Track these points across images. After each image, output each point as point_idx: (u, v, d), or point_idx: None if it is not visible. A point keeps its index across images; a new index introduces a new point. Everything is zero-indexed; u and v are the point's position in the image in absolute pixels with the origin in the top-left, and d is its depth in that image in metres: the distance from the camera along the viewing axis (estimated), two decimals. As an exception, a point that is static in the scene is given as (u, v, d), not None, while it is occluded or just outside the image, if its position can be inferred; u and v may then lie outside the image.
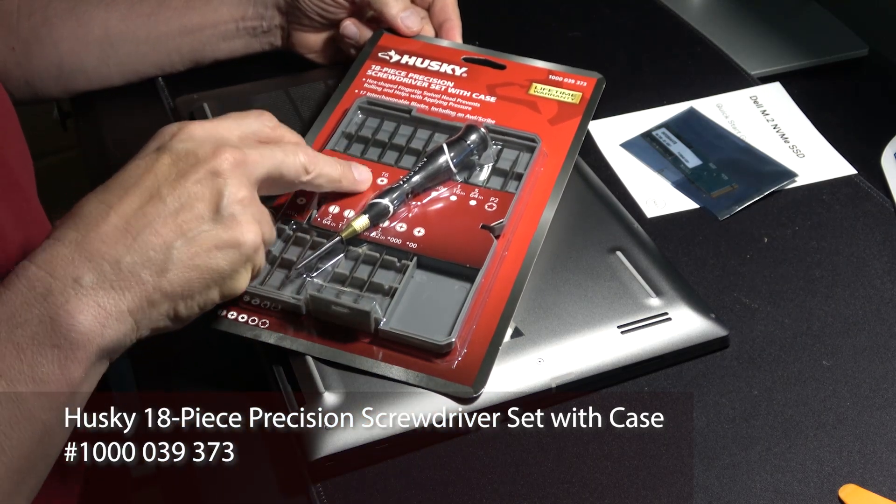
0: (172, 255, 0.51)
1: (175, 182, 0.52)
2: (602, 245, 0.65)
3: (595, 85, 0.75)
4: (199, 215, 0.52)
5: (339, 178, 0.62)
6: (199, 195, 0.52)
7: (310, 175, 0.59)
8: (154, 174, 0.53)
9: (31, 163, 0.69)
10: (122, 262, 0.50)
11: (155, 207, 0.52)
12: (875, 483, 0.54)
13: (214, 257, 0.53)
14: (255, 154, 0.55)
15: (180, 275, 0.52)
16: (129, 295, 0.50)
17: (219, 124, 0.56)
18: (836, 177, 0.74)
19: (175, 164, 0.53)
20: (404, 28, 0.78)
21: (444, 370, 0.57)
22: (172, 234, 0.51)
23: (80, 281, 0.49)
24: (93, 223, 0.51)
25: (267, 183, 0.57)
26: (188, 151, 0.53)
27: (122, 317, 0.50)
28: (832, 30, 0.93)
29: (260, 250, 0.55)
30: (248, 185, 0.54)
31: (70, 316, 0.48)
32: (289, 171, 0.57)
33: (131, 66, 0.84)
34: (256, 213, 0.55)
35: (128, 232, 0.51)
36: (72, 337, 0.48)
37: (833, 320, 0.63)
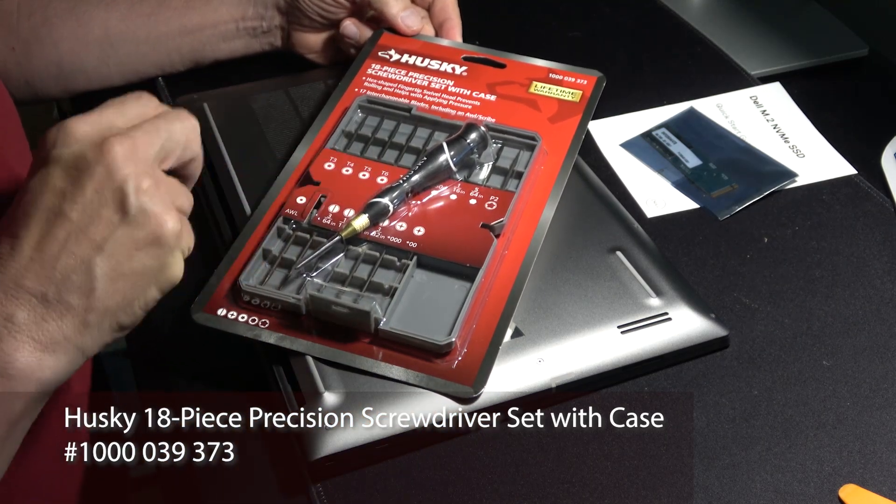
0: (95, 272, 0.50)
1: (73, 194, 0.50)
2: (602, 245, 0.65)
3: (595, 83, 0.75)
4: (108, 221, 0.50)
5: None
6: (100, 201, 0.50)
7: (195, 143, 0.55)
8: (50, 191, 0.50)
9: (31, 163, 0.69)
10: (48, 294, 0.49)
11: (62, 228, 0.49)
12: (875, 483, 0.54)
13: (138, 259, 0.51)
14: (142, 135, 0.52)
15: (109, 288, 0.50)
16: (63, 323, 0.49)
17: (100, 115, 0.53)
18: (836, 177, 0.74)
19: (66, 173, 0.50)
20: (404, 27, 0.78)
21: (444, 370, 0.57)
22: (88, 251, 0.49)
23: (11, 319, 0.49)
24: (7, 260, 0.49)
25: (165, 156, 0.53)
26: (76, 156, 0.50)
27: (58, 347, 0.49)
28: (832, 30, 0.93)
29: (183, 232, 0.53)
30: (147, 170, 0.51)
31: (6, 355, 0.48)
32: (180, 136, 0.54)
33: (131, 66, 0.84)
34: (167, 195, 0.52)
35: (44, 261, 0.49)
36: (10, 374, 0.48)
37: (833, 320, 0.63)
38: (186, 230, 0.53)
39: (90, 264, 0.49)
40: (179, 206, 0.53)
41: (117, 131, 0.51)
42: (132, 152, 0.50)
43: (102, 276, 0.50)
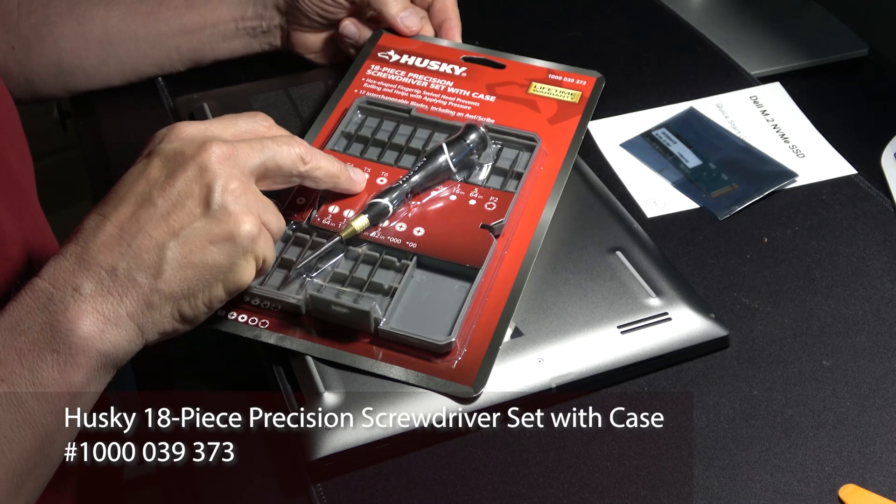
0: (166, 255, 0.52)
1: (164, 183, 0.53)
2: (602, 245, 0.65)
3: (595, 84, 0.75)
4: (190, 212, 0.52)
5: (336, 174, 0.61)
6: (188, 192, 0.52)
7: (307, 165, 0.58)
8: (146, 179, 0.53)
9: (31, 163, 0.69)
10: (118, 269, 0.51)
11: (147, 211, 0.52)
12: (875, 483, 0.54)
13: (210, 252, 0.53)
14: (245, 147, 0.55)
15: (177, 274, 0.52)
16: (127, 300, 0.51)
17: (210, 123, 0.56)
18: (836, 177, 0.74)
19: (165, 165, 0.53)
20: (404, 28, 0.78)
21: (444, 370, 0.57)
22: (164, 235, 0.52)
23: (79, 289, 0.50)
24: (90, 235, 0.52)
25: (264, 174, 0.56)
26: (176, 151, 0.53)
27: (121, 322, 0.51)
28: (832, 30, 0.93)
29: (260, 240, 0.55)
30: (239, 176, 0.54)
31: (69, 322, 0.49)
32: (284, 160, 0.57)
33: (131, 65, 0.84)
34: (253, 204, 0.54)
35: (122, 239, 0.51)
36: (71, 342, 0.49)
37: (833, 320, 0.63)
38: (265, 239, 0.55)
39: (163, 247, 0.51)
40: (265, 220, 0.55)
41: (222, 138, 0.54)
42: (229, 157, 0.53)
43: (172, 261, 0.52)
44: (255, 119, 0.58)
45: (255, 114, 0.59)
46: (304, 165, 0.58)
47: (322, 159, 0.60)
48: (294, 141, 0.58)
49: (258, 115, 0.59)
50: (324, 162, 0.60)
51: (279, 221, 0.57)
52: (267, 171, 0.56)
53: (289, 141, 0.57)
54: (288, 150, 0.57)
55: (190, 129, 0.55)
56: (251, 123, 0.58)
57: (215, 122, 0.57)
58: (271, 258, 0.57)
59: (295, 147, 0.57)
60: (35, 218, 0.67)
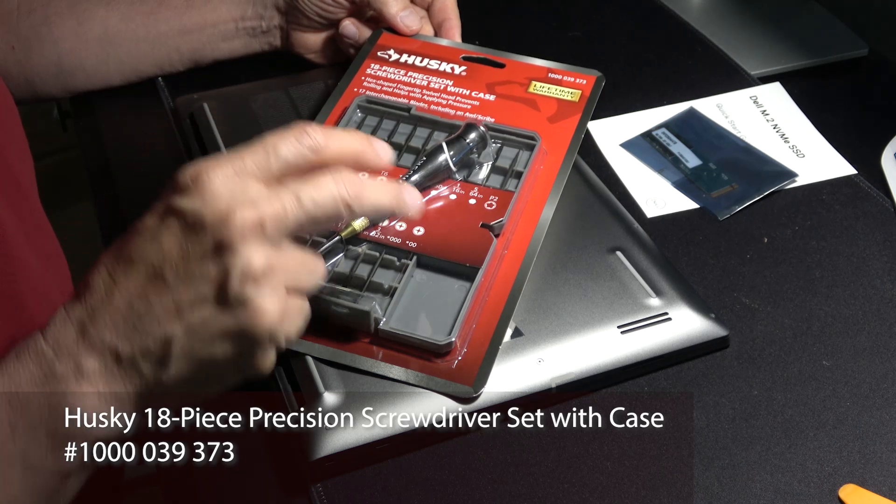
0: (172, 348, 0.47)
1: (178, 259, 0.47)
2: (602, 245, 0.65)
3: (595, 83, 0.75)
4: (203, 298, 0.47)
5: (389, 207, 0.53)
6: (202, 275, 0.47)
7: (353, 211, 0.50)
8: (159, 247, 0.47)
9: (32, 163, 0.69)
10: (123, 353, 0.47)
11: (157, 289, 0.47)
12: (875, 483, 0.54)
13: (220, 347, 0.47)
14: (276, 207, 0.47)
15: (183, 367, 0.48)
16: (129, 386, 0.48)
17: (244, 163, 0.48)
18: (836, 177, 0.74)
19: (181, 231, 0.47)
20: (403, 27, 0.79)
21: (444, 370, 0.57)
22: (172, 324, 0.47)
23: (81, 368, 0.47)
24: (99, 302, 0.48)
25: (300, 230, 0.49)
26: (196, 217, 0.47)
27: (121, 406, 0.48)
28: (832, 30, 0.93)
29: (283, 323, 0.48)
30: (265, 250, 0.47)
31: (70, 404, 0.47)
32: (324, 211, 0.49)
33: (131, 65, 0.84)
34: (280, 279, 0.48)
35: (129, 317, 0.47)
36: (68, 429, 0.47)
37: (833, 320, 0.63)
38: (290, 318, 0.49)
39: (170, 338, 0.47)
40: (297, 286, 0.49)
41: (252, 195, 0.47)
42: (255, 228, 0.47)
43: (179, 353, 0.47)
44: (302, 139, 0.50)
45: (301, 130, 0.50)
46: (350, 211, 0.50)
47: (372, 194, 0.51)
48: (340, 180, 0.50)
49: (305, 134, 0.50)
50: (374, 197, 0.51)
51: (312, 278, 0.50)
52: (303, 227, 0.49)
53: (333, 182, 0.49)
54: (330, 198, 0.49)
55: (216, 183, 0.47)
56: (294, 148, 0.49)
57: (251, 157, 0.49)
58: (300, 327, 0.50)
59: (340, 189, 0.49)
60: (36, 217, 0.67)
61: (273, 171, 0.49)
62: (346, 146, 0.51)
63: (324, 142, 0.50)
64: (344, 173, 0.50)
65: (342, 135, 0.52)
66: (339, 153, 0.51)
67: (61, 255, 0.70)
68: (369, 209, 0.51)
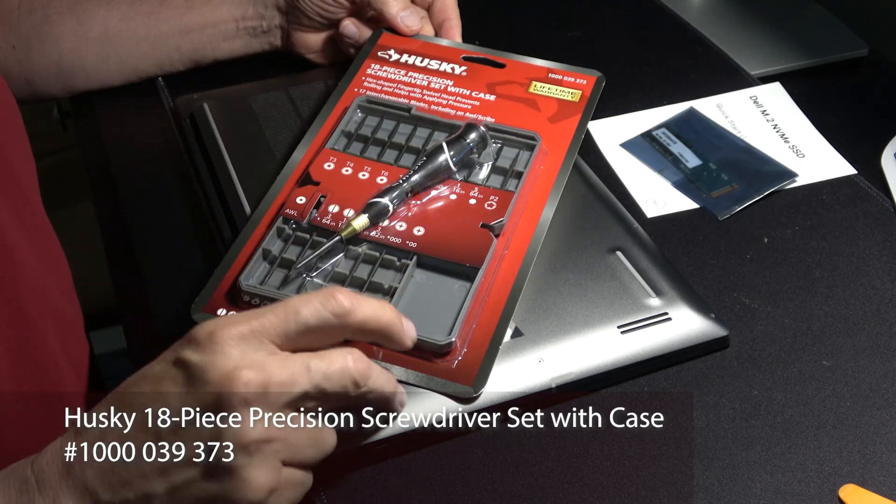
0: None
1: (175, 412, 0.46)
2: (602, 245, 0.65)
3: (595, 83, 0.75)
4: (191, 458, 0.45)
5: (389, 398, 0.52)
6: (195, 433, 0.45)
7: (359, 390, 0.49)
8: (160, 395, 0.47)
9: (33, 163, 0.69)
10: (102, 500, 0.47)
11: (147, 442, 0.46)
12: (875, 483, 0.54)
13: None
14: (283, 374, 0.46)
15: None
16: None
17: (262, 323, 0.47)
18: (836, 177, 0.74)
19: (184, 385, 0.46)
20: (404, 27, 0.79)
21: (444, 370, 0.57)
22: (156, 481, 0.46)
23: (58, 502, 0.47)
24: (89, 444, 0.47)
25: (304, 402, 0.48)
26: (201, 370, 0.46)
27: None
28: (832, 30, 0.93)
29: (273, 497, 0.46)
30: (265, 418, 0.46)
31: None
32: (333, 386, 0.48)
33: (131, 65, 0.84)
34: (278, 451, 0.46)
35: (115, 468, 0.46)
36: None
37: (833, 320, 0.63)
38: (289, 488, 0.47)
39: (151, 496, 0.46)
40: (298, 460, 0.48)
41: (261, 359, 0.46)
42: (258, 393, 0.46)
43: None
44: (327, 305, 0.48)
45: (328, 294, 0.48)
46: (356, 390, 0.49)
47: (378, 379, 0.50)
48: (350, 356, 0.49)
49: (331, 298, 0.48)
50: (378, 383, 0.50)
51: (318, 453, 0.49)
52: (307, 401, 0.48)
53: (343, 358, 0.48)
54: (339, 373, 0.48)
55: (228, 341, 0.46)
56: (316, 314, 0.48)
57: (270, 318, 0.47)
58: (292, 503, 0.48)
59: (350, 364, 0.48)
60: (36, 218, 0.67)
61: (291, 335, 0.48)
62: (373, 317, 0.50)
63: (350, 307, 0.49)
64: (356, 351, 0.49)
65: (372, 304, 0.50)
66: (364, 322, 0.50)
67: (62, 256, 0.70)
68: (373, 394, 0.50)
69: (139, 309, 0.67)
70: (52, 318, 0.64)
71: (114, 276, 0.72)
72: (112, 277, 0.72)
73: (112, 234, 0.74)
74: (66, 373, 0.65)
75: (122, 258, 0.72)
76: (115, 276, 0.72)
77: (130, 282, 0.70)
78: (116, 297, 0.70)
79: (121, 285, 0.71)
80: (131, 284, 0.70)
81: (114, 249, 0.73)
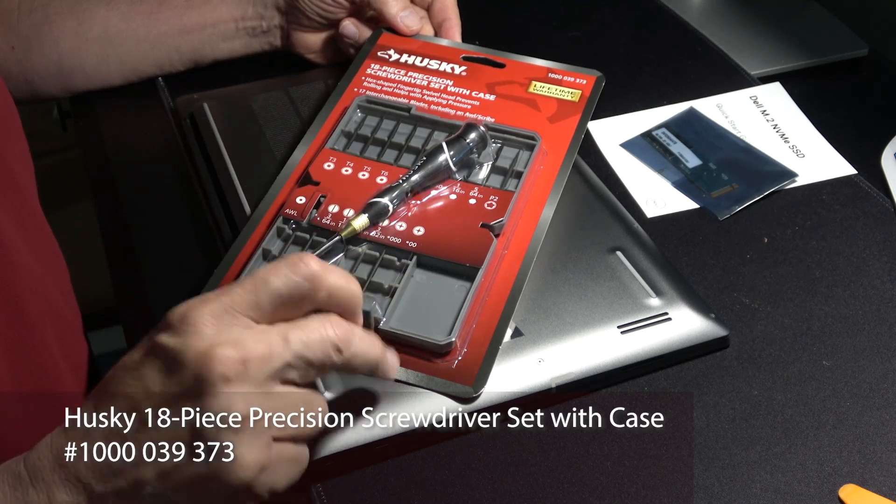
0: (144, 490, 0.46)
1: (159, 398, 0.46)
2: (602, 245, 0.65)
3: (595, 83, 0.75)
4: (178, 442, 0.45)
5: (376, 361, 0.50)
6: (180, 417, 0.45)
7: (342, 356, 0.48)
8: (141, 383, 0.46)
9: (31, 163, 0.69)
10: (96, 490, 0.47)
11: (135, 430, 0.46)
12: (875, 483, 0.54)
13: (192, 494, 0.46)
14: (260, 347, 0.46)
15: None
16: None
17: (233, 299, 0.47)
18: (836, 177, 0.74)
19: (163, 371, 0.46)
20: (404, 27, 0.78)
21: (444, 370, 0.57)
22: (146, 467, 0.46)
23: (53, 500, 0.47)
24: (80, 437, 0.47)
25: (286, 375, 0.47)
26: (177, 353, 0.45)
27: None
28: (832, 30, 0.93)
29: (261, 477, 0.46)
30: (248, 394, 0.45)
31: None
32: (313, 354, 0.47)
33: (131, 65, 0.84)
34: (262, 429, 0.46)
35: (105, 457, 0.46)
36: None
37: (833, 320, 0.63)
38: (282, 463, 0.47)
39: (142, 483, 0.46)
40: (290, 434, 0.47)
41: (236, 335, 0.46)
42: (237, 369, 0.45)
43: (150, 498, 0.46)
44: (295, 270, 0.47)
45: (295, 259, 0.48)
46: (339, 356, 0.48)
47: (360, 342, 0.49)
48: (328, 322, 0.48)
49: (299, 262, 0.48)
50: (363, 346, 0.49)
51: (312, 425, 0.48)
52: (289, 371, 0.47)
53: (321, 325, 0.48)
54: (319, 340, 0.47)
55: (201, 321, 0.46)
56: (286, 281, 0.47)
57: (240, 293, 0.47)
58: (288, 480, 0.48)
59: (329, 331, 0.48)
60: (35, 218, 0.67)
61: (264, 306, 0.47)
62: (343, 285, 0.49)
63: (320, 269, 0.48)
64: (333, 317, 0.48)
65: (339, 272, 0.49)
66: (334, 287, 0.48)
67: (60, 256, 0.70)
68: (358, 359, 0.49)
69: (139, 309, 0.67)
70: (50, 319, 0.64)
71: (114, 276, 0.72)
72: (112, 277, 0.72)
73: (112, 234, 0.74)
74: (65, 373, 0.65)
75: (122, 258, 0.72)
76: (115, 276, 0.72)
77: (130, 282, 0.70)
78: (116, 297, 0.70)
79: (121, 285, 0.71)
80: (131, 284, 0.70)
81: (114, 249, 0.73)
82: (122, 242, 0.73)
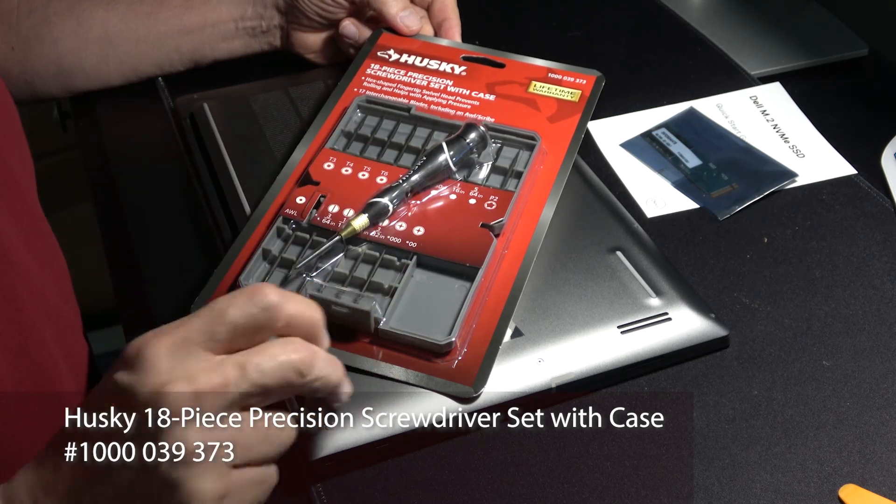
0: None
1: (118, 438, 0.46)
2: (602, 245, 0.65)
3: (594, 83, 0.75)
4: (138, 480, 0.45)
5: (336, 384, 0.49)
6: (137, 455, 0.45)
7: (303, 380, 0.47)
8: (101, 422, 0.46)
9: (31, 164, 0.69)
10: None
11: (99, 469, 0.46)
12: (875, 483, 0.54)
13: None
14: (215, 379, 0.45)
15: None
16: None
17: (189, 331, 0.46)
18: (836, 177, 0.74)
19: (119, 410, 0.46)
20: (403, 27, 0.79)
21: (444, 370, 0.57)
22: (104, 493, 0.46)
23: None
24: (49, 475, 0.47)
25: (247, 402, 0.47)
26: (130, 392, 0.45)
27: None
28: (832, 30, 0.93)
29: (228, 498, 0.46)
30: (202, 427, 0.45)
31: None
32: (272, 380, 0.46)
33: (131, 65, 0.84)
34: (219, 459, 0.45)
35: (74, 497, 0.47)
36: None
37: (833, 320, 0.63)
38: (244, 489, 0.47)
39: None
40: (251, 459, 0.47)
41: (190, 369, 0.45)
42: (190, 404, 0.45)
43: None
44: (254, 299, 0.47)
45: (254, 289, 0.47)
46: (301, 379, 0.47)
47: (324, 366, 0.48)
48: (289, 346, 0.47)
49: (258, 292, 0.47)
50: (325, 370, 0.48)
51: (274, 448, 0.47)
52: (249, 399, 0.46)
53: (281, 350, 0.47)
54: (278, 366, 0.46)
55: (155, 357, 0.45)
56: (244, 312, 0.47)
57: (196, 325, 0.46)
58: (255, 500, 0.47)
59: (291, 355, 0.47)
60: (34, 219, 0.67)
61: (221, 337, 0.46)
62: (302, 312, 0.48)
63: (279, 300, 0.47)
64: (296, 341, 0.48)
65: (299, 299, 0.48)
66: (294, 316, 0.48)
67: (60, 257, 0.70)
68: (320, 381, 0.48)
69: (139, 309, 0.67)
70: (50, 319, 0.64)
71: (114, 276, 0.72)
72: (112, 277, 0.72)
73: (112, 235, 0.74)
74: (65, 373, 0.65)
75: (122, 258, 0.72)
76: (115, 277, 0.72)
77: (130, 282, 0.70)
78: (116, 298, 0.70)
79: (121, 285, 0.71)
80: (131, 284, 0.70)
81: (114, 249, 0.73)
82: (122, 242, 0.72)
